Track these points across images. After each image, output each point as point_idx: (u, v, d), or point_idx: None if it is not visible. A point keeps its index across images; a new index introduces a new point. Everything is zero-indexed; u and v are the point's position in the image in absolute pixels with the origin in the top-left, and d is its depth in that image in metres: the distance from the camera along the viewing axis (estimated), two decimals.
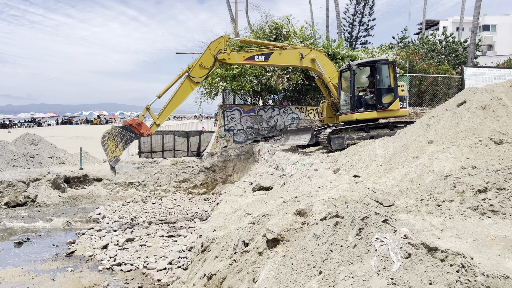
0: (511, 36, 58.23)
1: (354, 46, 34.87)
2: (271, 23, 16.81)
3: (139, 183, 16.53)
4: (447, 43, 26.39)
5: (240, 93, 17.96)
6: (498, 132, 6.77)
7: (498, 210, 4.38)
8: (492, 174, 4.90)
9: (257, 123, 17.47)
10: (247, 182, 10.15)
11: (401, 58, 18.99)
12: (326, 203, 5.44)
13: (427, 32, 38.40)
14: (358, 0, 35.32)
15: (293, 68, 16.61)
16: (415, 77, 18.64)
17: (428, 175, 5.89)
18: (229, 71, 15.75)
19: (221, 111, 17.32)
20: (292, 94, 19.17)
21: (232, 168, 16.82)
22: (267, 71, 16.23)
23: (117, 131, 11.44)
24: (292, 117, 17.78)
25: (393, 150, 7.35)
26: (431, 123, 8.01)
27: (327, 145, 11.15)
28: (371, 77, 12.39)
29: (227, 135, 17.28)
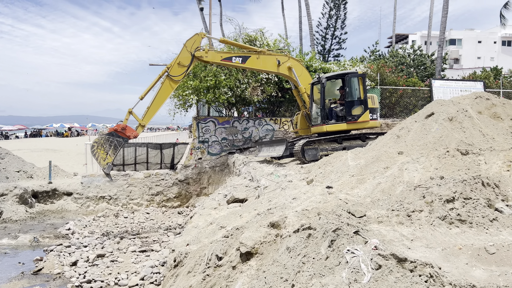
0: (475, 50, 60.76)
1: (327, 59, 35.54)
2: (245, 36, 16.95)
3: (111, 197, 16.14)
4: (415, 56, 27.26)
5: (215, 104, 17.93)
6: (464, 143, 7.00)
7: (465, 220, 4.50)
8: (459, 184, 5.04)
9: (232, 134, 17.45)
10: (221, 194, 10.07)
11: (372, 70, 19.46)
12: (299, 214, 5.45)
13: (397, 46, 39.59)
14: (330, 14, 36.13)
15: (267, 80, 16.73)
16: (386, 89, 19.12)
17: (399, 186, 6.01)
18: (203, 83, 15.72)
19: (195, 122, 17.21)
20: (266, 106, 19.29)
21: (207, 180, 16.68)
22: (242, 83, 16.29)
23: (104, 138, 11.48)
24: (267, 128, 17.85)
25: (365, 161, 7.47)
26: (401, 135, 8.20)
27: (301, 156, 11.23)
28: (341, 89, 12.64)
29: (201, 147, 17.16)
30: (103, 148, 11.36)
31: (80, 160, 22.49)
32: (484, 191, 4.93)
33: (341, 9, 36.01)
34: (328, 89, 13.10)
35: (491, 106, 8.81)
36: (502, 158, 5.71)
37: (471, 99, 9.09)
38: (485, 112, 8.66)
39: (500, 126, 8.13)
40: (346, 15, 36.28)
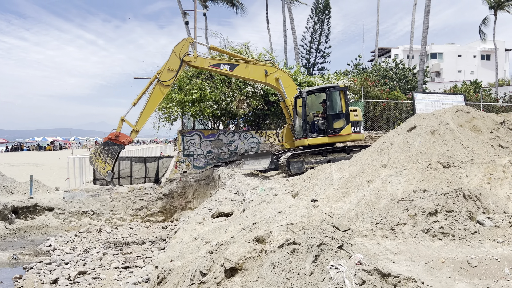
0: (456, 64, 62.28)
1: (312, 72, 35.96)
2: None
3: (94, 212, 15.84)
4: (398, 70, 27.78)
5: (200, 118, 17.89)
6: (446, 156, 7.10)
7: (448, 232, 4.54)
8: (441, 197, 5.09)
9: (217, 147, 17.39)
10: (206, 208, 9.98)
11: (356, 84, 19.73)
12: (284, 229, 5.43)
13: (380, 59, 40.33)
14: (314, 29, 36.68)
15: (253, 94, 16.80)
16: (370, 102, 19.39)
17: (383, 199, 6.04)
18: (188, 96, 15.69)
19: (180, 136, 17.12)
20: (252, 118, 19.34)
21: (192, 194, 16.53)
22: (227, 96, 16.32)
23: (100, 148, 11.73)
24: (253, 141, 17.86)
25: (349, 174, 7.51)
26: (384, 148, 8.29)
27: (286, 169, 11.25)
28: (323, 103, 12.78)
29: (186, 160, 17.05)
30: (100, 158, 11.56)
31: (62, 175, 22.10)
32: (466, 204, 5.00)
33: (325, 23, 36.61)
34: (312, 102, 13.23)
35: (472, 119, 8.99)
36: (483, 170, 5.81)
37: (452, 113, 9.27)
38: (465, 125, 8.83)
39: (481, 139, 8.30)
40: (330, 30, 36.88)
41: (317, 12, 36.46)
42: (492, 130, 8.60)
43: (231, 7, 37.10)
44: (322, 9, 36.25)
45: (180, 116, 16.78)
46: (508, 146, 8.01)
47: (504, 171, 5.57)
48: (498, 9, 37.09)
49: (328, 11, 36.42)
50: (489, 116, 9.40)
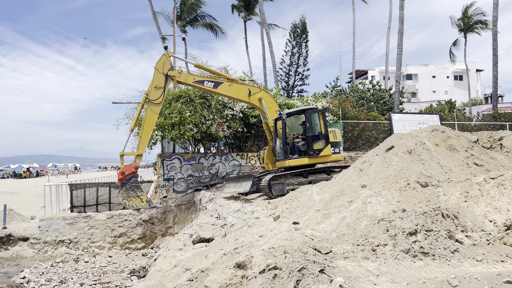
0: (430, 84, 64.18)
1: (291, 94, 36.43)
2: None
3: (71, 241, 15.33)
4: (374, 91, 28.41)
5: (180, 141, 17.77)
6: (424, 175, 7.21)
7: (428, 252, 4.55)
8: (420, 216, 5.14)
9: (198, 171, 17.24)
10: (187, 234, 9.80)
11: (334, 105, 20.04)
12: (266, 253, 5.35)
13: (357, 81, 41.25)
14: (293, 52, 37.38)
15: (233, 116, 16.83)
16: (348, 123, 19.67)
17: (363, 220, 6.05)
18: (168, 120, 15.61)
19: (160, 160, 16.92)
20: (233, 141, 19.31)
21: (173, 219, 16.22)
22: (207, 119, 16.30)
23: (123, 191, 11.90)
24: (234, 164, 17.79)
25: (330, 195, 7.53)
26: (363, 168, 8.36)
27: (268, 191, 11.21)
28: (303, 124, 12.90)
29: (166, 185, 16.80)
30: (131, 197, 11.85)
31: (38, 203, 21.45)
32: (444, 223, 5.05)
33: (303, 47, 37.39)
34: (292, 124, 13.35)
35: (447, 138, 9.20)
36: (460, 189, 5.90)
37: (428, 132, 9.47)
38: (441, 144, 9.02)
39: (456, 158, 8.47)
40: (308, 53, 37.66)
41: (295, 36, 37.26)
42: (467, 148, 8.81)
43: (211, 31, 37.62)
44: (299, 33, 37.07)
45: (160, 140, 16.62)
46: (483, 164, 8.19)
47: (480, 189, 5.68)
48: (468, 31, 38.72)
49: (306, 35, 37.27)
50: (464, 135, 9.64)
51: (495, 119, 23.55)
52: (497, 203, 5.34)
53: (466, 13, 37.87)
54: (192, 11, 35.82)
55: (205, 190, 16.36)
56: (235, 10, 38.65)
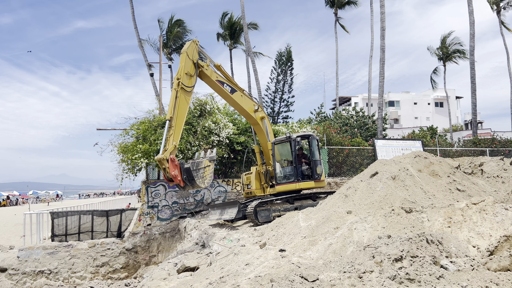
0: (412, 111, 65.66)
1: (276, 120, 36.81)
2: (196, 100, 17.23)
3: (51, 271, 14.82)
4: (358, 117, 28.92)
5: None
6: (408, 201, 7.29)
7: (414, 278, 4.56)
8: (405, 242, 5.17)
9: (183, 198, 17.06)
10: (171, 263, 9.60)
11: (319, 132, 20.29)
12: (252, 282, 5.28)
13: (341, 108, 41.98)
14: (278, 79, 38.03)
15: (218, 143, 16.85)
16: (333, 149, 19.89)
17: (349, 246, 6.05)
18: (153, 146, 15.54)
19: (144, 187, 16.72)
20: (218, 167, 19.27)
21: (157, 247, 15.89)
22: (193, 145, 16.28)
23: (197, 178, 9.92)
24: (219, 190, 17.68)
25: (316, 222, 7.52)
26: (348, 194, 8.42)
27: (254, 218, 11.13)
28: (300, 150, 13.12)
29: (151, 212, 16.54)
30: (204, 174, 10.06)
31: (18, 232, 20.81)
32: (429, 248, 5.08)
33: (288, 74, 38.10)
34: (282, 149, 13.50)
35: (430, 164, 9.37)
36: (443, 214, 5.98)
37: (411, 158, 9.64)
38: (424, 170, 9.18)
39: (439, 183, 8.61)
40: (292, 80, 38.37)
41: (280, 64, 38.00)
42: (449, 174, 8.97)
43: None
44: (285, 61, 37.85)
45: (145, 166, 16.48)
46: (465, 190, 8.34)
47: (462, 215, 5.76)
48: (447, 60, 40.09)
49: (291, 62, 38.07)
50: (445, 161, 9.84)
51: (475, 145, 24.11)
52: (479, 228, 5.42)
53: (444, 43, 39.30)
54: (178, 39, 36.31)
55: (190, 217, 16.15)
56: (220, 38, 39.35)
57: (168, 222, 16.57)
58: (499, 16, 34.41)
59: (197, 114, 16.89)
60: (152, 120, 16.67)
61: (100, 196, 79.34)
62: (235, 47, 39.53)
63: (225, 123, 16.87)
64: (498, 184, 9.69)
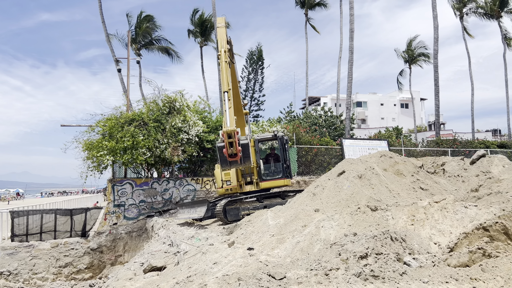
0: (379, 112, 67.32)
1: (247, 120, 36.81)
2: (165, 97, 16.97)
3: (10, 272, 14.22)
4: (327, 117, 29.36)
5: (132, 166, 17.28)
6: (373, 199, 7.46)
7: (378, 275, 4.66)
8: (370, 240, 5.28)
9: (151, 196, 16.77)
10: (138, 262, 9.42)
11: (288, 131, 20.45)
12: (220, 281, 5.25)
13: (310, 107, 42.51)
14: (249, 78, 38.07)
15: (188, 141, 16.65)
16: (302, 148, 20.10)
17: (316, 244, 6.13)
18: (120, 144, 15.18)
19: (110, 185, 16.31)
20: (188, 165, 19.06)
21: (123, 247, 15.55)
22: (161, 143, 16.03)
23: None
24: (188, 189, 17.49)
25: (284, 220, 7.57)
26: (316, 192, 8.53)
27: (223, 217, 11.09)
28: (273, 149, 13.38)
29: (117, 211, 16.17)
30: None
31: None
32: (393, 246, 5.22)
33: (259, 73, 38.21)
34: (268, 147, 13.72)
35: (394, 163, 9.63)
36: (407, 213, 6.16)
37: (377, 158, 9.87)
38: (389, 169, 9.42)
39: (403, 182, 8.86)
40: (263, 79, 38.52)
41: (251, 63, 38.05)
42: (413, 173, 9.25)
43: (167, 55, 37.52)
44: (256, 60, 37.91)
45: (111, 164, 16.07)
46: (428, 189, 8.62)
47: (425, 213, 5.95)
48: (412, 63, 41.36)
49: (262, 62, 38.18)
50: (410, 160, 10.13)
51: (438, 145, 24.99)
52: (441, 226, 5.61)
53: (410, 46, 40.52)
54: (147, 35, 35.66)
55: (157, 216, 15.90)
56: (191, 35, 38.93)
57: (135, 221, 16.25)
58: (462, 22, 35.81)
59: (166, 111, 16.64)
60: (119, 117, 16.29)
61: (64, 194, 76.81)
62: (206, 44, 39.22)
63: (194, 121, 16.71)
64: (459, 183, 10.08)
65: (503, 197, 7.25)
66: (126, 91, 23.34)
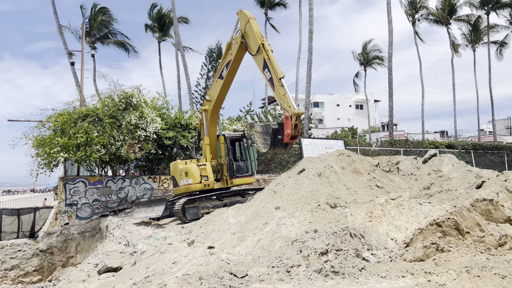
0: (335, 112, 69.02)
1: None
2: (121, 92, 16.41)
3: None
4: None
5: (86, 163, 16.58)
6: (332, 197, 7.59)
7: (338, 271, 4.74)
8: (330, 236, 5.36)
9: (105, 195, 16.18)
10: (92, 263, 9.05)
11: (249, 129, 20.47)
12: (180, 280, 5.13)
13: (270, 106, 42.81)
14: (208, 75, 37.70)
15: (146, 138, 16.21)
16: None
17: (278, 241, 6.14)
18: (73, 140, 14.52)
19: (62, 183, 15.56)
20: (144, 163, 18.57)
21: (75, 248, 14.90)
22: (117, 140, 15.50)
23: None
24: (145, 187, 17.05)
25: (245, 218, 7.54)
26: (277, 190, 8.57)
27: (181, 215, 10.89)
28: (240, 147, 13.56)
29: (69, 211, 15.45)
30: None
31: None
32: (352, 242, 5.33)
33: None
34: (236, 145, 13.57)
35: (352, 162, 9.87)
36: (365, 209, 6.31)
37: (335, 156, 10.07)
38: (347, 168, 9.64)
39: (360, 180, 9.10)
40: None
41: (210, 60, 37.72)
42: (370, 172, 9.52)
43: (123, 50, 36.39)
44: (215, 58, 37.62)
45: (63, 161, 15.33)
46: (383, 186, 8.90)
47: (382, 210, 6.13)
48: (367, 65, 42.69)
49: None
50: (366, 159, 10.43)
51: (391, 145, 25.97)
52: (397, 222, 5.80)
53: (365, 49, 41.81)
54: (103, 28, 34.40)
55: (112, 215, 15.38)
56: (149, 30, 37.99)
57: (88, 221, 15.62)
58: (414, 27, 37.40)
59: (122, 107, 16.10)
60: (72, 112, 15.57)
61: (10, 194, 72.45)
62: (164, 40, 38.44)
63: (152, 118, 16.29)
64: (412, 181, 10.51)
65: (453, 194, 7.62)
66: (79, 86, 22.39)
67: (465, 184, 8.76)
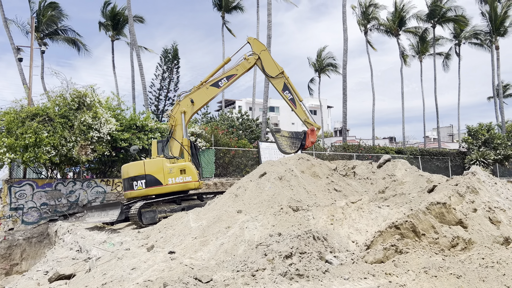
0: (290, 117, 70.06)
1: (161, 119, 35.73)
2: (73, 91, 15.68)
3: None
4: (243, 120, 29.76)
5: (34, 165, 15.66)
6: (294, 200, 7.69)
7: (303, 274, 4.80)
8: (294, 239, 5.42)
9: (54, 199, 15.36)
10: (41, 271, 8.55)
11: (207, 132, 20.29)
12: (141, 287, 4.97)
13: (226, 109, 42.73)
14: (163, 77, 36.97)
15: (99, 139, 15.59)
16: (220, 150, 20.08)
17: (241, 245, 6.12)
18: (20, 141, 13.68)
19: (6, 186, 14.59)
20: (97, 166, 17.85)
21: (20, 255, 14.01)
22: (68, 141, 14.78)
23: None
24: (97, 191, 16.39)
25: (207, 222, 7.45)
26: (239, 193, 8.55)
27: (137, 220, 10.57)
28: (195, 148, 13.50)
29: (14, 215, 14.52)
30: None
31: None
32: (316, 245, 5.42)
33: (174, 72, 37.30)
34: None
35: (311, 166, 10.05)
36: (326, 213, 6.45)
37: (295, 160, 10.21)
38: (306, 172, 9.81)
39: (319, 184, 9.29)
40: (179, 78, 37.68)
41: (166, 61, 37.02)
42: (328, 175, 9.75)
43: (74, 47, 34.90)
44: (171, 59, 36.99)
45: (9, 163, 14.40)
46: (341, 190, 9.14)
47: (343, 213, 6.28)
48: (321, 72, 43.83)
49: (177, 61, 37.35)
50: (324, 163, 10.67)
51: (345, 150, 26.76)
52: (358, 225, 5.97)
53: (320, 56, 42.92)
54: (52, 24, 32.82)
55: (62, 220, 14.65)
56: (102, 28, 36.71)
57: (35, 226, 14.76)
58: (366, 37, 38.89)
59: (75, 106, 15.40)
60: (19, 111, 14.69)
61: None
62: (118, 38, 37.29)
63: (107, 118, 15.71)
64: (368, 185, 10.88)
65: (406, 198, 7.97)
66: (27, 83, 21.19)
67: (417, 188, 9.20)
